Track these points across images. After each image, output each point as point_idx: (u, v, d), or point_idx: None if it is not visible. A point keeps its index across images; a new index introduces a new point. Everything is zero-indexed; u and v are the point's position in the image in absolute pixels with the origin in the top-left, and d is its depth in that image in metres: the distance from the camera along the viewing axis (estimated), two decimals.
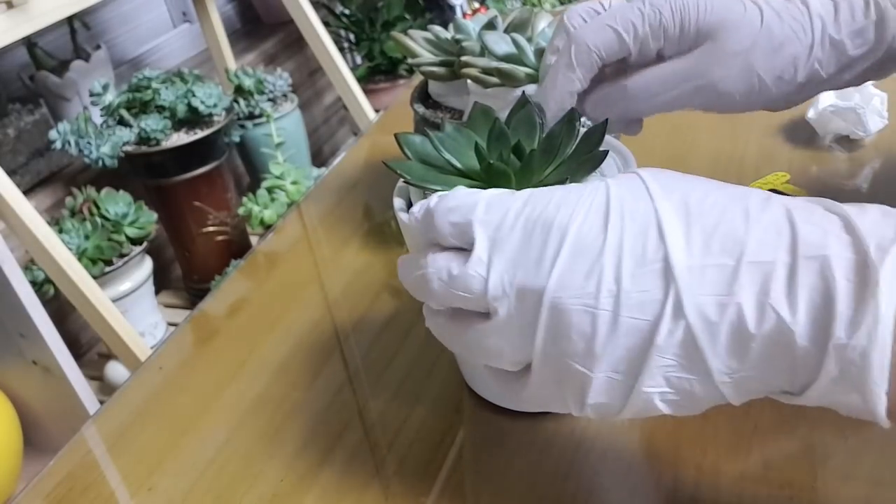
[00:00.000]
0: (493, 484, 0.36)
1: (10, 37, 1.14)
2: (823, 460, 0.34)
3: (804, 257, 0.23)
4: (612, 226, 0.25)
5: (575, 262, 0.25)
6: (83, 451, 0.43)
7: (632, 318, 0.24)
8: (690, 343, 0.24)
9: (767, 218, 0.24)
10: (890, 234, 0.22)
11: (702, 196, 0.25)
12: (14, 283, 1.07)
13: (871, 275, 0.22)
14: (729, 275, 0.23)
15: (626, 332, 0.24)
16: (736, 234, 0.24)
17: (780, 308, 0.23)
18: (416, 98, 0.52)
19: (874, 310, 0.21)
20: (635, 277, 0.24)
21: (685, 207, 0.25)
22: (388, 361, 0.45)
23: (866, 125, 0.56)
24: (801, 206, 0.24)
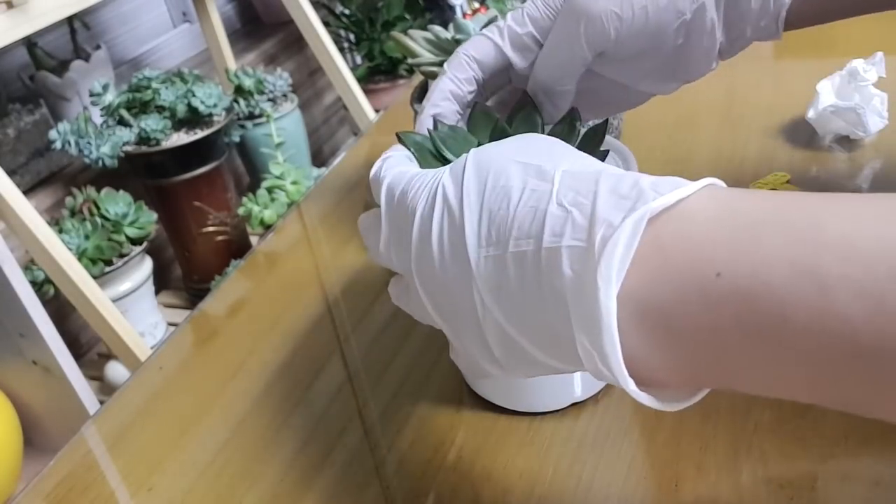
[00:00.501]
0: (493, 484, 0.36)
1: (10, 37, 1.14)
2: (823, 460, 0.34)
3: (546, 248, 0.23)
4: (435, 216, 0.27)
5: (419, 247, 0.27)
6: (83, 451, 0.43)
7: (462, 302, 0.26)
8: (496, 322, 0.25)
9: (530, 204, 0.24)
10: (616, 220, 0.22)
11: (496, 178, 0.26)
12: (14, 283, 1.07)
13: (591, 266, 0.22)
14: (500, 264, 0.24)
15: (465, 315, 0.26)
16: (506, 223, 0.25)
17: (536, 296, 0.24)
18: (417, 98, 0.52)
19: (594, 305, 0.21)
20: (453, 268, 0.26)
21: (481, 195, 0.26)
22: (388, 361, 0.45)
23: (866, 125, 0.56)
24: (566, 186, 0.24)
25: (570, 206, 0.23)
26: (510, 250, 0.24)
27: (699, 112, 0.66)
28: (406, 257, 0.28)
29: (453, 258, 0.26)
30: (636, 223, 0.21)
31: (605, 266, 0.21)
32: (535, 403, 0.39)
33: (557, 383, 0.38)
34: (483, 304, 0.25)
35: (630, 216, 0.21)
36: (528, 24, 0.36)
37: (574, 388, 0.38)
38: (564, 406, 0.38)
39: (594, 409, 0.38)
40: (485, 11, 0.51)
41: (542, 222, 0.23)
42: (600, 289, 0.21)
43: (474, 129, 0.35)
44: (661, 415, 0.37)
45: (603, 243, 0.21)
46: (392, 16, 2.05)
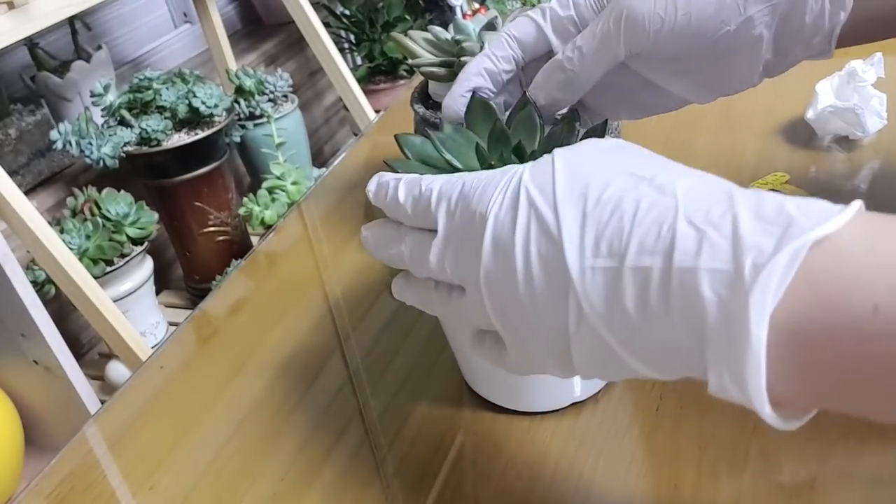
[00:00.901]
0: (493, 484, 0.36)
1: (12, 37, 1.14)
2: (823, 460, 0.34)
3: (677, 267, 0.22)
4: (520, 222, 0.26)
5: (494, 254, 0.27)
6: (84, 451, 0.43)
7: (544, 306, 0.26)
8: (597, 336, 0.25)
9: (651, 218, 0.24)
10: (769, 248, 0.21)
11: (601, 187, 0.25)
12: (15, 283, 1.07)
13: (741, 293, 0.21)
14: (614, 277, 0.24)
15: (546, 324, 0.26)
16: (621, 236, 0.24)
17: (659, 314, 0.23)
18: (417, 98, 0.52)
19: (743, 333, 0.21)
20: (540, 277, 0.25)
21: (583, 202, 0.25)
22: (389, 361, 0.45)
23: (865, 126, 0.56)
24: (693, 203, 0.23)
25: (704, 225, 0.22)
26: (628, 265, 0.23)
27: (698, 112, 0.66)
28: (470, 265, 0.28)
29: (543, 267, 0.25)
30: (795, 253, 0.21)
31: (760, 294, 0.21)
32: (535, 403, 0.39)
33: (557, 383, 0.38)
34: (581, 315, 0.25)
35: (788, 245, 0.21)
36: (570, 8, 0.36)
37: (574, 388, 0.38)
38: (564, 406, 0.39)
39: (594, 409, 0.39)
40: (485, 12, 0.51)
41: (671, 240, 0.23)
42: (752, 317, 0.21)
43: (473, 125, 0.35)
44: (660, 415, 0.37)
45: (756, 271, 0.21)
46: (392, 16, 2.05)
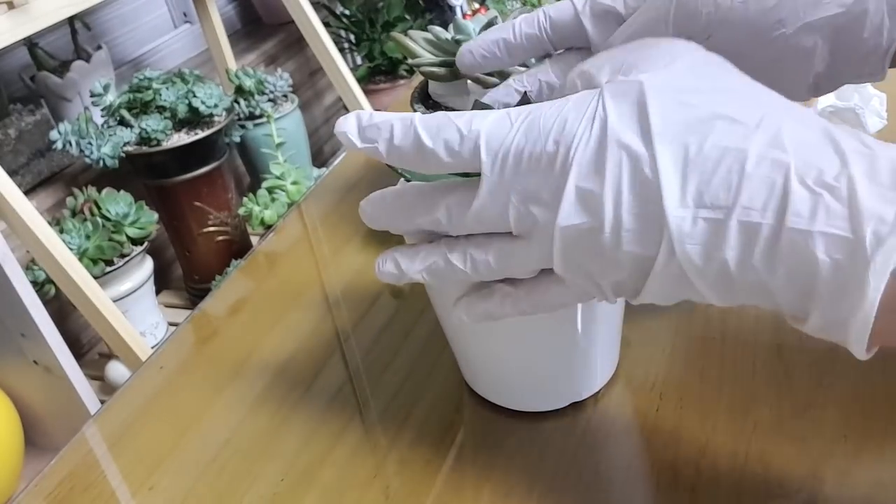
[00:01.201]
0: (493, 484, 0.36)
1: (11, 37, 1.14)
2: (823, 460, 0.34)
3: (789, 227, 0.23)
4: (610, 167, 0.25)
5: (579, 202, 0.26)
6: (84, 451, 0.43)
7: (631, 251, 0.26)
8: (682, 276, 0.25)
9: (761, 173, 0.23)
10: (890, 217, 0.22)
11: (704, 132, 0.24)
12: (15, 283, 1.07)
13: (862, 260, 0.22)
14: (717, 229, 0.24)
15: (628, 260, 0.26)
16: (729, 188, 0.24)
17: (761, 270, 0.23)
18: (417, 98, 0.52)
19: (860, 296, 0.22)
20: (632, 217, 0.25)
21: (684, 151, 0.25)
22: (389, 361, 0.45)
23: (865, 126, 0.56)
24: (805, 159, 0.23)
25: (818, 187, 0.22)
26: (736, 218, 0.23)
27: None
28: (541, 214, 0.27)
29: (637, 215, 0.25)
30: None
31: (882, 263, 0.21)
32: (535, 403, 0.39)
33: (557, 383, 0.38)
34: (670, 260, 0.25)
35: None
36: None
37: (574, 388, 0.38)
38: (564, 406, 0.39)
39: (594, 409, 0.39)
40: (485, 12, 0.51)
41: (784, 199, 0.23)
42: (870, 284, 0.21)
43: None
44: (660, 415, 0.37)
45: (878, 240, 0.21)
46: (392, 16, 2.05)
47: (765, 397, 0.37)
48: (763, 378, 0.38)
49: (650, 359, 0.41)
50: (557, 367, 0.37)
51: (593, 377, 0.39)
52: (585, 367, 0.38)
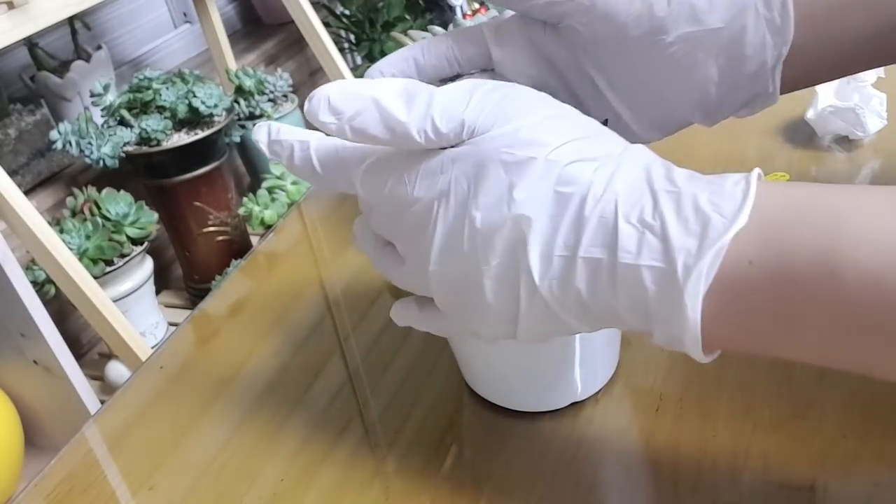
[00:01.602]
0: (493, 484, 0.36)
1: (11, 37, 1.14)
2: (823, 460, 0.34)
3: (622, 262, 0.26)
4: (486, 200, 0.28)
5: (444, 249, 0.29)
6: (84, 451, 0.43)
7: (500, 291, 0.28)
8: (548, 309, 0.28)
9: (596, 215, 0.26)
10: (694, 248, 0.25)
11: (555, 184, 0.27)
12: (15, 283, 1.07)
13: (678, 287, 0.25)
14: (569, 264, 0.27)
15: (497, 301, 0.28)
16: (576, 231, 0.27)
17: (608, 298, 0.27)
18: None
19: (682, 317, 0.25)
20: (496, 268, 0.28)
21: (545, 200, 0.27)
22: (389, 361, 0.45)
23: (865, 126, 0.56)
24: (628, 200, 0.26)
25: (640, 225, 0.26)
26: (581, 255, 0.26)
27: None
28: (418, 246, 0.30)
29: (502, 256, 0.28)
30: (716, 254, 0.24)
31: (693, 288, 0.25)
32: (535, 403, 0.39)
33: (557, 383, 0.38)
34: (533, 294, 0.27)
35: (709, 250, 0.24)
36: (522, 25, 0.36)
37: (574, 388, 0.38)
38: (564, 406, 0.39)
39: (594, 409, 0.39)
40: (484, 12, 0.51)
41: (615, 237, 0.26)
42: (687, 306, 0.25)
43: None
44: (660, 415, 0.37)
45: (687, 271, 0.25)
46: (392, 16, 2.05)
47: (765, 397, 0.37)
48: (763, 378, 0.38)
49: (650, 359, 0.41)
50: (557, 368, 0.37)
51: (593, 377, 0.39)
52: (585, 367, 0.38)
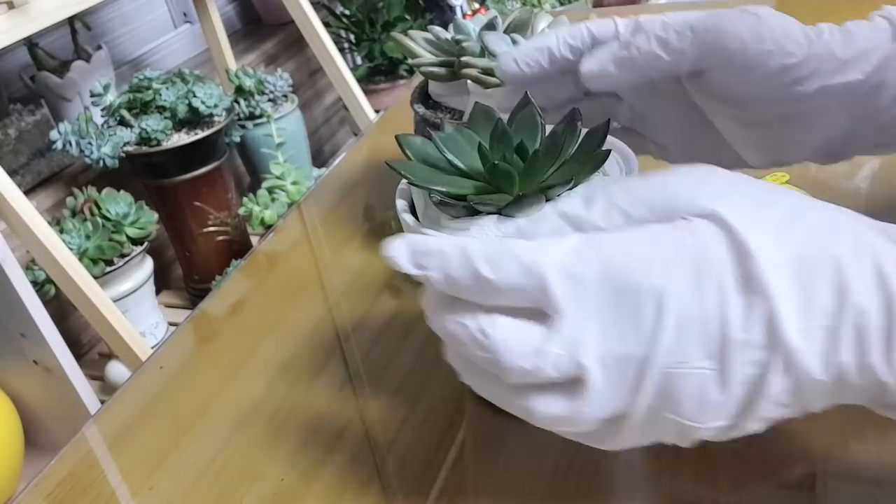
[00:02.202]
0: (493, 484, 0.36)
1: (11, 37, 1.14)
2: (823, 460, 0.34)
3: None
4: (710, 288, 0.25)
5: (679, 328, 0.25)
6: (84, 451, 0.43)
7: (741, 374, 0.25)
8: (797, 392, 0.25)
9: (865, 272, 0.24)
10: None
11: (801, 243, 0.25)
12: (15, 283, 1.07)
13: None
14: (832, 336, 0.24)
15: (736, 388, 0.25)
16: (836, 296, 0.24)
17: (879, 367, 0.24)
18: (417, 98, 0.52)
19: None
20: (741, 341, 0.24)
21: (789, 258, 0.25)
22: (389, 361, 0.45)
23: None
24: (887, 254, 0.24)
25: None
26: (850, 321, 0.24)
27: None
28: (629, 346, 0.25)
29: (751, 343, 0.25)
30: None
31: None
32: None
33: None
34: (786, 373, 0.25)
35: None
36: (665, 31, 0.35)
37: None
38: None
39: None
40: (484, 12, 0.51)
41: (889, 294, 0.24)
42: None
43: (475, 127, 0.35)
44: None
45: None
46: (392, 16, 2.05)
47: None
48: None
49: None
50: None
51: None
52: None
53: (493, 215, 0.32)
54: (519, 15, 0.48)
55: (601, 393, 0.26)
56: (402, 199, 0.36)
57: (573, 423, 0.27)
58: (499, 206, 0.32)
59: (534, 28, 0.47)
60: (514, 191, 0.32)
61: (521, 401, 0.27)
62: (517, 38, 0.44)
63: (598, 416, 0.26)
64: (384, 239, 0.29)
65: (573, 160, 0.33)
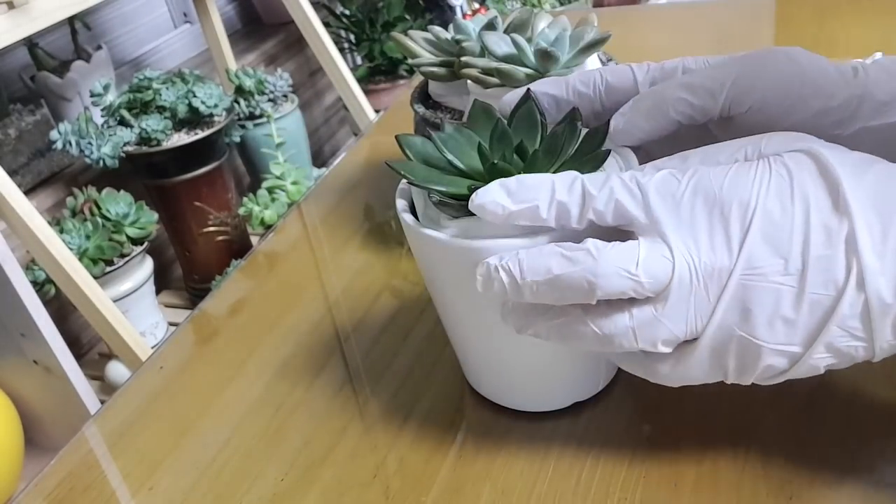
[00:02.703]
0: (492, 484, 0.36)
1: (12, 37, 1.14)
2: (823, 459, 0.34)
3: None
4: (797, 206, 0.27)
5: (765, 242, 0.27)
6: (84, 451, 0.43)
7: (815, 293, 0.26)
8: (865, 318, 0.26)
9: None
10: None
11: (877, 180, 0.27)
12: (15, 283, 1.07)
13: None
14: None
15: (809, 307, 0.26)
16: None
17: None
18: (417, 98, 0.52)
19: None
20: (821, 257, 0.26)
21: (868, 191, 0.26)
22: (389, 361, 0.45)
23: None
24: None
25: None
26: None
27: None
28: (717, 256, 0.27)
29: (822, 253, 0.26)
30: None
31: None
32: (535, 403, 0.39)
33: (558, 383, 0.38)
34: (858, 293, 0.26)
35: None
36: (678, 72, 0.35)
37: (575, 389, 0.38)
38: (565, 406, 0.39)
39: (594, 408, 0.39)
40: (484, 12, 0.51)
41: None
42: None
43: (475, 127, 0.35)
44: (660, 415, 0.37)
45: None
46: (392, 16, 2.06)
47: (765, 397, 0.37)
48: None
49: None
50: (559, 368, 0.37)
51: (594, 378, 0.39)
52: (586, 367, 0.38)
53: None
54: (519, 15, 0.48)
55: (682, 300, 0.27)
56: (402, 199, 0.36)
57: (654, 330, 0.28)
58: None
59: (533, 28, 0.47)
60: None
61: (582, 317, 0.29)
62: (517, 38, 0.44)
63: (676, 329, 0.28)
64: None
65: (573, 160, 0.33)
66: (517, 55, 0.44)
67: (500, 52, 0.44)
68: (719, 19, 0.87)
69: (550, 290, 0.29)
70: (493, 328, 0.35)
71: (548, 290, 0.29)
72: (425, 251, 0.35)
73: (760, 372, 0.28)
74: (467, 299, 0.35)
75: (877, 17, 0.77)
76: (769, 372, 0.28)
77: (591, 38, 0.44)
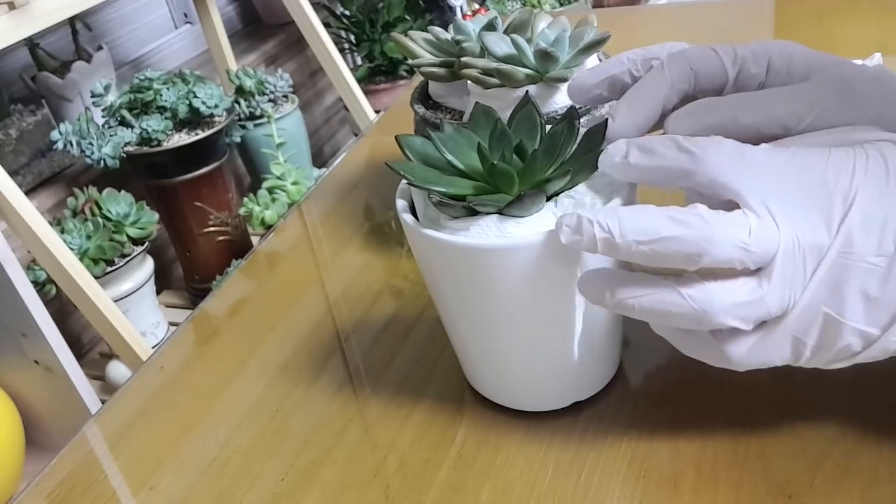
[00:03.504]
0: (492, 484, 0.36)
1: (12, 38, 1.14)
2: (822, 459, 0.34)
3: None
4: (893, 190, 0.27)
5: (863, 224, 0.27)
6: (85, 451, 0.43)
7: None
8: None
9: None
10: None
11: None
12: (16, 283, 1.07)
13: None
14: None
15: (894, 289, 0.27)
16: None
17: None
18: (417, 99, 0.52)
19: None
20: None
21: None
22: (389, 361, 0.45)
23: None
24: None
25: None
26: None
27: None
28: (816, 235, 0.27)
29: None
30: None
31: None
32: (535, 403, 0.39)
33: (558, 383, 0.38)
34: None
35: None
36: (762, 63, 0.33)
37: (575, 389, 0.38)
38: (564, 406, 0.39)
39: (594, 408, 0.39)
40: (485, 12, 0.51)
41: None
42: None
43: (475, 127, 0.35)
44: (660, 415, 0.37)
45: None
46: (392, 17, 2.06)
47: (765, 397, 0.37)
48: (763, 378, 0.38)
49: (650, 359, 0.41)
50: (559, 368, 0.37)
51: (594, 377, 0.39)
52: (586, 367, 0.38)
53: (492, 215, 0.32)
54: (519, 15, 0.48)
55: (785, 275, 0.27)
56: (402, 200, 0.36)
57: (755, 306, 0.28)
58: (498, 206, 0.32)
59: (533, 29, 0.47)
60: (513, 191, 0.33)
61: (701, 295, 0.28)
62: (517, 38, 0.44)
63: (773, 305, 0.28)
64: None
65: (572, 159, 0.33)
66: (517, 56, 0.44)
67: (500, 53, 0.44)
68: (719, 19, 0.87)
69: (652, 253, 0.27)
70: (494, 328, 0.35)
71: (649, 253, 0.27)
72: (425, 251, 0.35)
73: (835, 353, 0.28)
74: (467, 299, 0.35)
75: (876, 17, 0.77)
76: (844, 353, 0.28)
77: (591, 38, 0.44)
